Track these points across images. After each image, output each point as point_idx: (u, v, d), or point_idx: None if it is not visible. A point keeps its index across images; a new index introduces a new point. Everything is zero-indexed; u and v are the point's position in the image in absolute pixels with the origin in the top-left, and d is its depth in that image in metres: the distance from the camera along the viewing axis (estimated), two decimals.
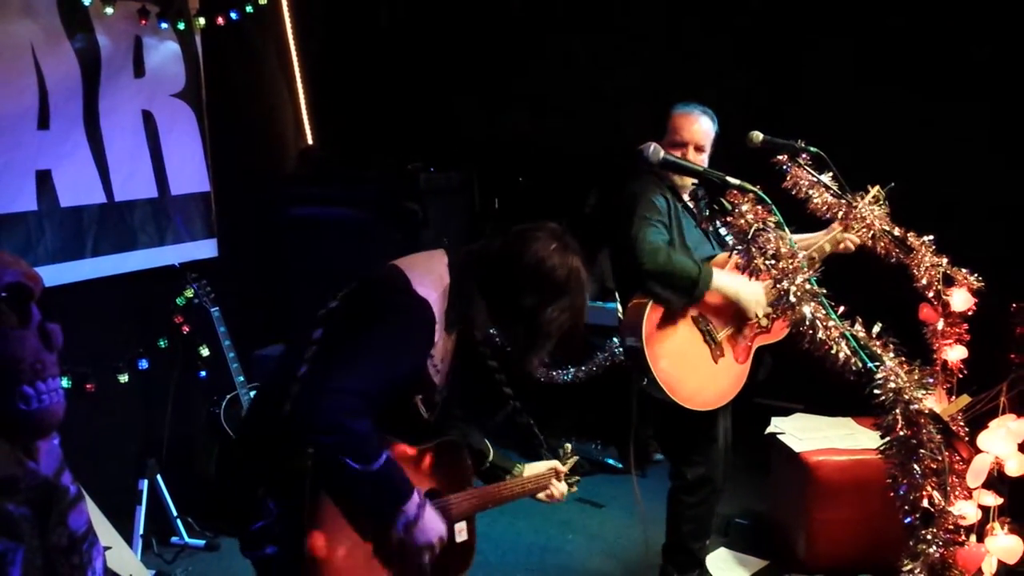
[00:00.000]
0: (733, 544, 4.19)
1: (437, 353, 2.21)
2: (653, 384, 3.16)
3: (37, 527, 1.45)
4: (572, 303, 2.25)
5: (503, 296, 2.24)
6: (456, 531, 2.36)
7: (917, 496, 2.10)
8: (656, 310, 3.20)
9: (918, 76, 4.61)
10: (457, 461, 2.42)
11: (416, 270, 2.20)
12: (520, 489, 2.58)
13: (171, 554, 4.16)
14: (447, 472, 2.37)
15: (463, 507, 2.37)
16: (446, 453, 2.38)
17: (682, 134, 3.33)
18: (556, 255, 2.23)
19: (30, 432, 1.46)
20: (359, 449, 2.01)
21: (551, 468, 2.66)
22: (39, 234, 3.91)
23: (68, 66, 4.00)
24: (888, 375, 2.06)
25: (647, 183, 3.29)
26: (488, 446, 2.60)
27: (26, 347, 1.43)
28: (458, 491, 2.38)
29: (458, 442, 2.43)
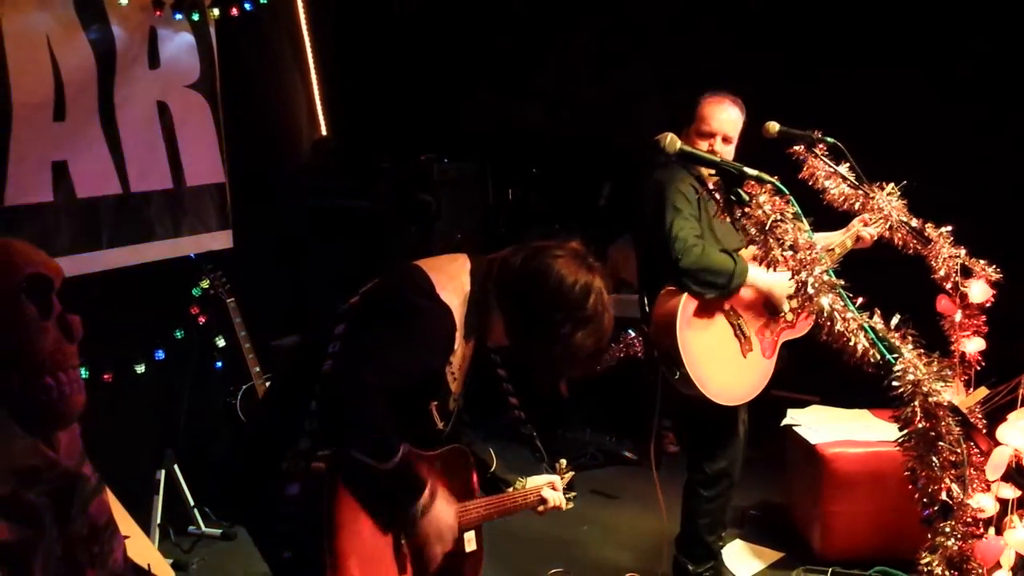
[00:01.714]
0: (748, 536, 4.18)
1: (455, 360, 2.21)
2: (684, 379, 3.12)
3: (58, 517, 1.46)
4: (597, 327, 2.21)
5: (522, 315, 2.22)
6: (465, 541, 2.36)
7: (935, 489, 2.09)
8: (690, 303, 3.16)
9: (936, 64, 4.58)
10: (464, 470, 2.42)
11: (440, 275, 2.18)
12: (524, 501, 2.58)
13: (188, 543, 4.18)
14: (455, 480, 2.36)
15: (471, 516, 2.37)
16: (454, 461, 2.38)
17: (711, 123, 3.30)
18: (580, 277, 2.20)
19: (51, 422, 1.47)
20: (378, 445, 2.02)
21: (549, 482, 2.65)
22: (55, 225, 3.92)
23: (83, 58, 4.01)
24: (907, 367, 2.05)
25: (674, 173, 3.25)
26: (491, 456, 2.59)
27: (47, 338, 1.44)
28: (465, 500, 2.37)
29: (465, 451, 2.43)
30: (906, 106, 4.62)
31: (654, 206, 3.23)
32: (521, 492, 2.58)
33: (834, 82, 4.83)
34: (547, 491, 2.63)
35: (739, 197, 2.16)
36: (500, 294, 2.23)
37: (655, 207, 3.22)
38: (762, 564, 3.96)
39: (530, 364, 2.30)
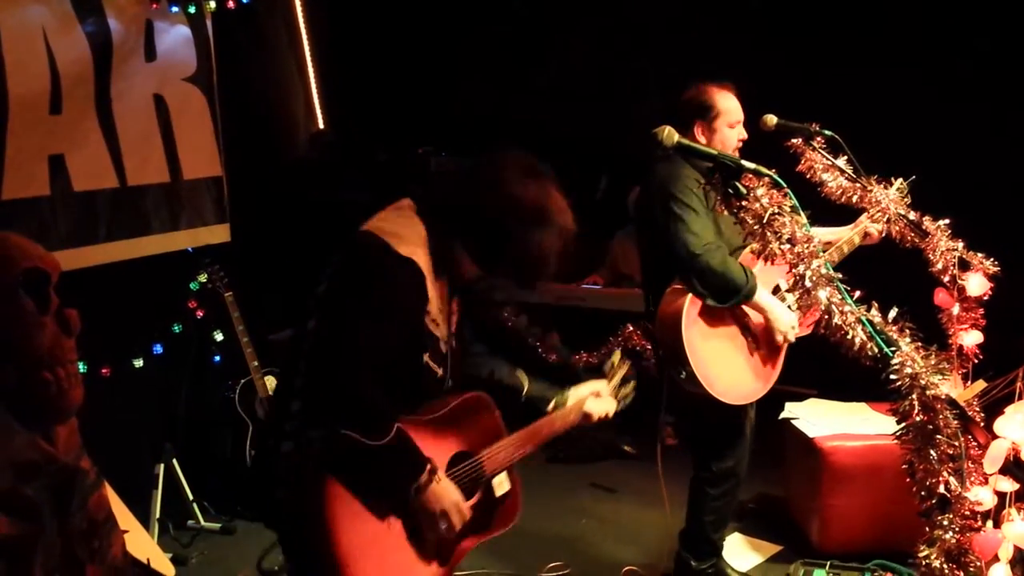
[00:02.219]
0: (747, 529, 4.18)
1: (433, 308, 2.15)
2: (691, 378, 3.07)
3: (57, 511, 1.46)
4: (557, 228, 2.17)
5: (481, 233, 2.16)
6: (495, 486, 2.30)
7: (933, 482, 2.09)
8: (696, 301, 3.10)
9: (935, 60, 4.58)
10: (484, 414, 2.33)
11: (392, 230, 2.13)
12: (562, 423, 2.46)
13: (187, 537, 4.19)
14: (475, 429, 2.29)
15: (498, 459, 2.29)
16: (470, 409, 2.30)
17: (737, 113, 3.26)
18: (529, 180, 2.17)
19: (49, 417, 1.47)
20: (369, 421, 1.98)
21: (593, 391, 2.55)
22: (52, 219, 3.92)
23: (79, 51, 3.99)
24: (904, 360, 2.06)
25: (679, 167, 3.17)
26: (521, 378, 2.50)
27: (45, 332, 1.44)
28: (490, 444, 2.30)
29: (482, 396, 2.34)
30: (904, 101, 4.62)
31: (661, 202, 3.17)
32: (559, 414, 2.46)
33: (833, 79, 4.83)
34: (591, 403, 2.52)
35: (737, 190, 2.16)
36: (454, 221, 2.17)
37: (662, 203, 3.16)
38: (761, 557, 3.96)
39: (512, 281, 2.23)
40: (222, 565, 4.02)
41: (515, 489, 2.36)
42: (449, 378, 2.28)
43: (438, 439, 2.19)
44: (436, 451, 2.15)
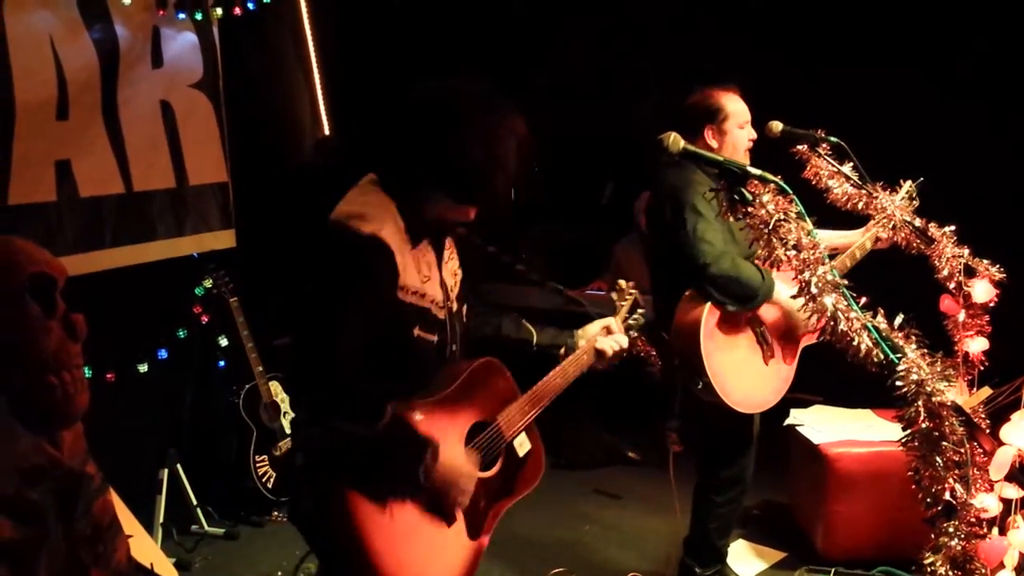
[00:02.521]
0: (751, 535, 4.17)
1: (410, 278, 2.09)
2: (708, 388, 3.06)
3: (62, 516, 1.46)
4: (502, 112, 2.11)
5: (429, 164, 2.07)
6: (516, 447, 2.30)
7: (939, 488, 2.09)
8: (713, 312, 3.08)
9: (938, 64, 4.58)
10: (495, 378, 2.30)
11: (353, 210, 2.08)
12: (575, 367, 2.41)
13: (191, 542, 4.19)
14: (488, 395, 2.26)
15: (515, 421, 2.28)
16: (481, 376, 2.26)
17: (745, 113, 3.25)
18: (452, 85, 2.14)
19: (55, 422, 1.47)
20: (358, 409, 1.95)
21: (603, 327, 2.50)
22: (58, 224, 3.92)
23: (87, 57, 4.00)
24: (910, 367, 2.05)
25: (689, 173, 3.15)
26: (529, 329, 2.45)
27: (51, 337, 1.44)
28: (506, 407, 2.29)
29: (491, 361, 2.29)
30: (908, 105, 4.62)
31: (672, 209, 3.14)
32: (570, 360, 2.41)
33: (834, 80, 4.83)
34: (601, 341, 2.46)
35: (743, 196, 2.16)
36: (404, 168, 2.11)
37: (673, 210, 3.14)
38: (765, 564, 3.95)
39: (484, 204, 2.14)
40: (226, 570, 4.02)
41: (536, 446, 2.36)
42: (453, 343, 2.23)
43: (453, 415, 2.17)
44: (453, 427, 2.14)
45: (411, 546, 2.04)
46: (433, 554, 2.10)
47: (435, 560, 2.10)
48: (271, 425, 4.53)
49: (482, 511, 2.20)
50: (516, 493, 2.31)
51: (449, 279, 2.25)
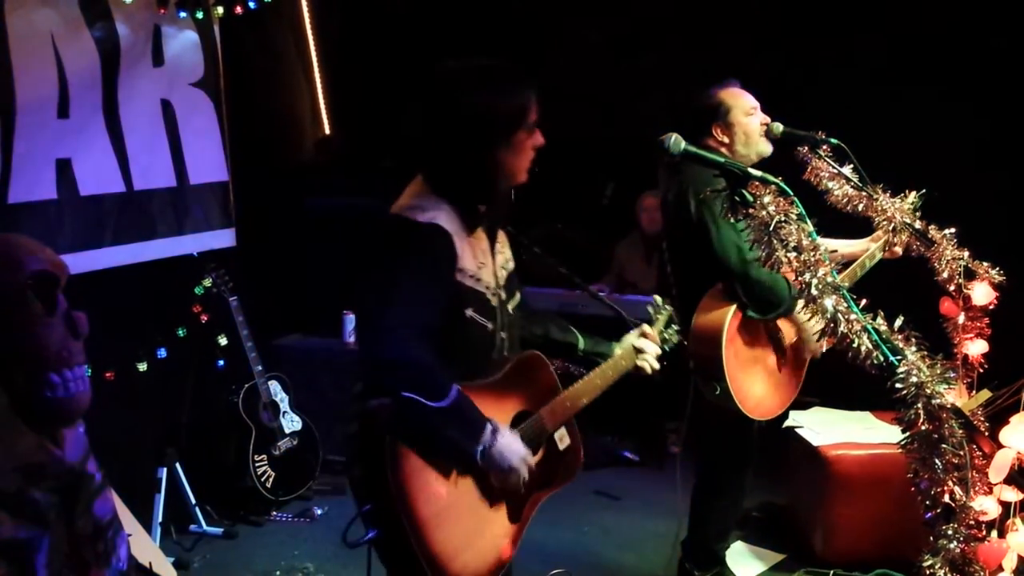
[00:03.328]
0: (750, 537, 4.18)
1: (467, 263, 2.19)
2: (725, 393, 3.03)
3: (63, 514, 1.46)
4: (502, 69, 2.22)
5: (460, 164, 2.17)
6: (557, 440, 2.35)
7: (938, 491, 2.08)
8: (737, 316, 3.06)
9: (938, 66, 4.58)
10: (539, 372, 2.37)
11: (409, 203, 2.19)
12: (614, 371, 2.50)
13: (189, 542, 4.19)
14: (532, 387, 2.33)
15: (557, 415, 2.34)
16: (525, 368, 2.34)
17: (749, 99, 3.24)
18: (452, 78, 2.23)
19: (56, 420, 1.47)
20: (427, 382, 2.01)
21: (639, 332, 2.59)
22: (59, 223, 3.92)
23: (88, 55, 4.00)
24: (910, 369, 2.05)
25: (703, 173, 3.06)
26: (576, 334, 2.55)
27: (52, 335, 1.44)
28: (548, 401, 2.34)
29: (536, 355, 2.37)
30: (909, 107, 4.62)
31: (698, 211, 3.10)
32: (610, 363, 2.50)
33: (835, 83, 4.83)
34: (639, 341, 2.56)
35: (743, 198, 2.16)
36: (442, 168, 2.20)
37: (698, 212, 3.09)
38: (764, 566, 3.96)
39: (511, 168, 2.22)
40: (224, 569, 4.02)
41: (575, 442, 2.42)
42: (502, 332, 2.31)
43: (499, 401, 2.23)
44: (498, 412, 2.19)
45: (455, 520, 2.10)
46: (475, 532, 2.15)
47: (476, 538, 2.15)
48: (270, 424, 4.53)
49: (522, 498, 2.25)
50: (553, 485, 2.36)
51: (499, 269, 2.33)
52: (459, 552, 2.09)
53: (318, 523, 4.48)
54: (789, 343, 3.24)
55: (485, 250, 2.27)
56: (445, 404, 1.99)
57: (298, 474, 4.64)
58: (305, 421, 4.72)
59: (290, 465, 4.59)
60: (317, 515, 4.53)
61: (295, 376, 4.81)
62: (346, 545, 2.12)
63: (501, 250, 2.36)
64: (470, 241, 2.21)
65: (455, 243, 2.14)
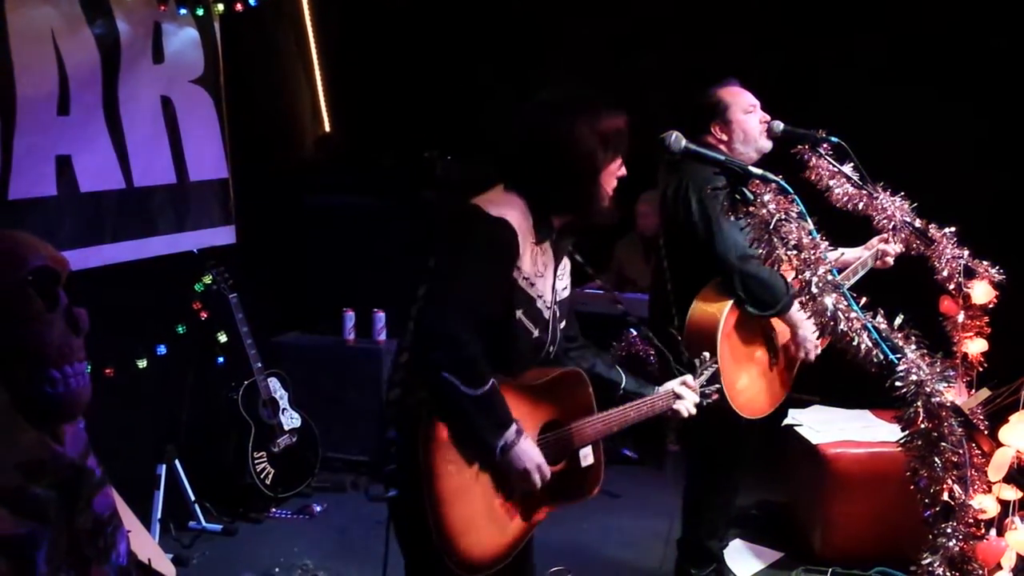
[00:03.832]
0: (748, 535, 4.18)
1: (526, 264, 2.25)
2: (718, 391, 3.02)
3: (63, 510, 1.46)
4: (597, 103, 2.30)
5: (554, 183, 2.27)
6: (581, 457, 2.42)
7: (937, 489, 2.09)
8: (733, 313, 3.07)
9: (939, 66, 4.58)
10: (578, 390, 2.46)
11: (486, 198, 2.29)
12: (648, 408, 2.57)
13: (188, 538, 4.19)
14: (568, 401, 2.41)
15: (585, 433, 2.41)
16: (567, 383, 2.43)
17: (747, 97, 3.25)
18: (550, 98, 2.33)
19: (57, 415, 1.47)
20: (468, 367, 2.08)
21: (682, 382, 2.65)
22: (59, 219, 3.92)
23: (88, 52, 4.00)
24: (910, 367, 2.06)
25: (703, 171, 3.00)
26: (620, 373, 2.61)
27: (53, 331, 1.44)
28: (581, 418, 2.42)
29: (580, 372, 2.47)
30: (909, 106, 4.62)
31: (699, 207, 3.11)
32: (647, 400, 2.57)
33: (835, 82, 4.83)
34: (680, 388, 2.63)
35: (744, 196, 2.16)
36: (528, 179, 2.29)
37: (700, 208, 3.10)
38: (762, 564, 3.96)
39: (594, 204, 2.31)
40: (223, 566, 4.02)
41: (598, 462, 2.48)
42: (550, 344, 2.40)
43: (534, 405, 2.31)
44: (530, 415, 2.29)
45: (470, 501, 2.17)
46: (486, 518, 2.22)
47: (486, 523, 2.21)
48: (269, 422, 4.54)
49: (536, 500, 2.31)
50: (570, 498, 2.43)
51: (558, 286, 2.42)
52: (468, 532, 2.16)
53: (317, 520, 4.49)
54: (782, 343, 3.24)
55: (547, 263, 2.35)
56: (478, 393, 2.08)
57: (297, 471, 4.64)
58: (304, 418, 4.72)
59: (289, 462, 4.59)
60: (316, 512, 4.53)
61: (294, 373, 4.81)
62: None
63: (561, 275, 2.44)
64: (534, 247, 2.28)
65: (519, 241, 2.22)
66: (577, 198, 2.31)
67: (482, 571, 2.20)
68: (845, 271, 3.21)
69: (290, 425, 4.63)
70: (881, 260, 3.29)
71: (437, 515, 2.10)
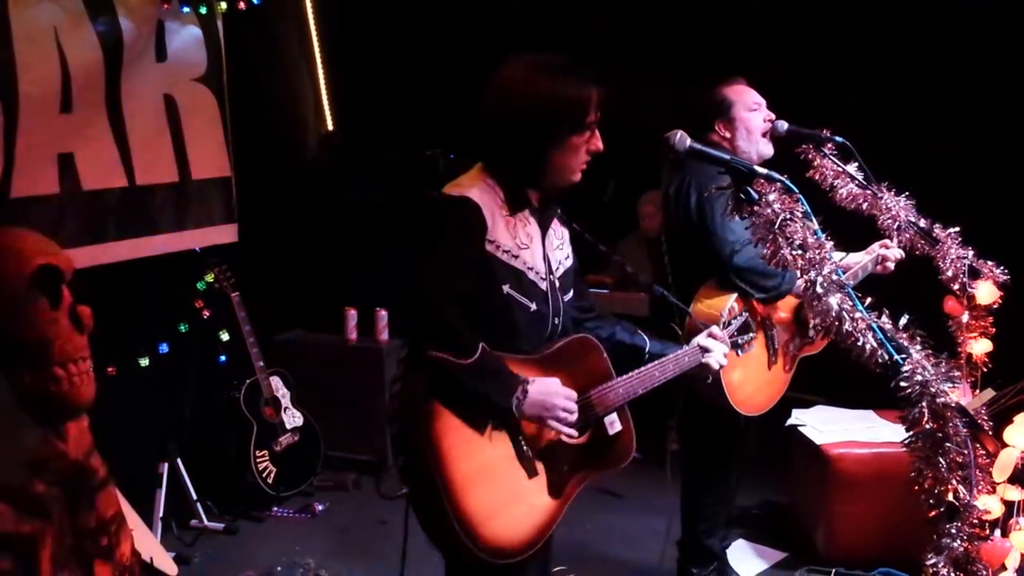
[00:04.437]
0: (752, 535, 4.17)
1: (500, 236, 2.19)
2: (716, 384, 3.02)
3: (67, 509, 1.46)
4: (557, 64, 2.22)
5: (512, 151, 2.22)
6: (607, 425, 2.33)
7: (942, 490, 2.08)
8: (733, 313, 3.06)
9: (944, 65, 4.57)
10: (591, 356, 2.36)
11: (455, 182, 2.27)
12: (674, 366, 2.45)
13: (191, 537, 4.19)
14: (582, 370, 2.30)
15: (608, 399, 2.31)
16: (577, 350, 2.33)
17: (752, 95, 3.25)
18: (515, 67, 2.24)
19: (60, 413, 1.47)
20: (454, 340, 2.04)
21: (708, 334, 2.56)
22: (61, 218, 3.92)
23: (91, 50, 4.00)
24: (915, 367, 2.05)
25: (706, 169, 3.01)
26: (643, 337, 2.51)
27: (57, 329, 1.44)
28: (600, 384, 2.32)
29: (588, 338, 2.37)
30: (913, 105, 4.61)
31: (697, 204, 3.14)
32: (671, 357, 2.46)
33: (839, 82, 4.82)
34: (706, 340, 2.53)
35: (748, 195, 2.15)
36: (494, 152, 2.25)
37: (698, 206, 3.13)
38: (765, 564, 3.95)
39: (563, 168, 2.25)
40: (225, 565, 4.02)
41: (627, 428, 2.38)
42: (555, 317, 2.30)
43: (542, 374, 2.20)
44: None
45: (489, 484, 2.08)
46: (511, 498, 2.12)
47: (512, 504, 2.12)
48: (271, 420, 4.53)
49: (565, 473, 2.22)
50: (602, 468, 2.34)
51: (553, 257, 2.33)
52: (492, 516, 2.07)
53: (319, 519, 4.48)
54: (782, 343, 3.24)
55: (531, 234, 2.26)
56: (472, 360, 2.02)
57: (299, 470, 4.64)
58: (306, 417, 4.72)
59: (291, 461, 4.59)
60: (318, 510, 4.53)
61: (296, 372, 4.81)
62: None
63: (560, 246, 2.37)
64: (509, 220, 2.22)
65: (484, 215, 2.15)
66: (532, 171, 2.23)
67: (515, 556, 2.10)
68: (846, 274, 3.21)
69: (292, 424, 4.63)
70: (882, 265, 3.30)
71: (455, 504, 2.01)
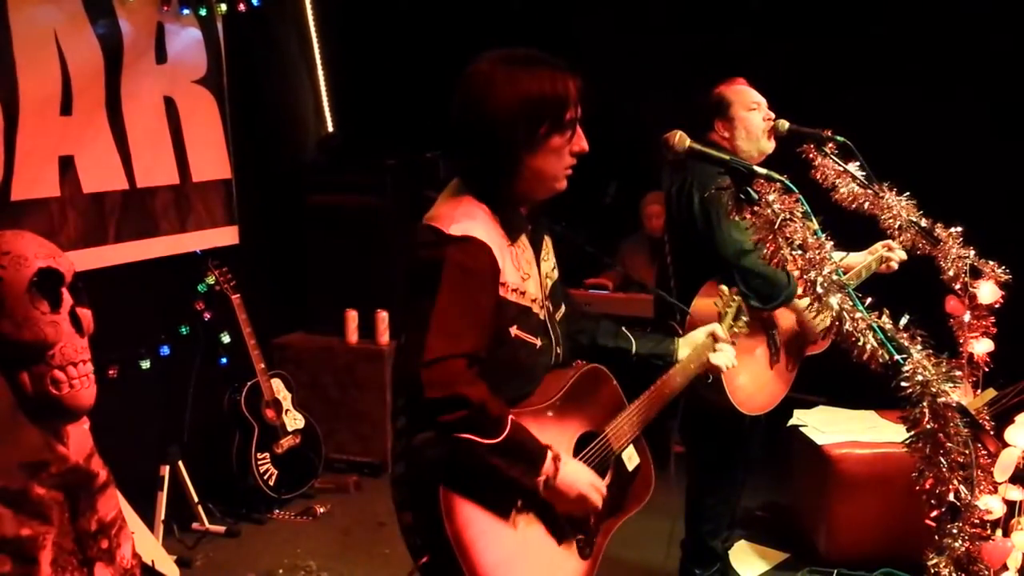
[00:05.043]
0: (754, 536, 4.17)
1: (509, 275, 1.97)
2: (716, 384, 2.99)
3: (67, 511, 1.46)
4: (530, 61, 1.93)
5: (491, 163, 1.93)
6: (625, 460, 2.21)
7: (943, 490, 2.07)
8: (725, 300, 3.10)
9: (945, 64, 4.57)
10: (602, 387, 2.21)
11: (442, 212, 1.95)
12: (682, 376, 2.32)
13: (192, 540, 4.19)
14: (596, 404, 2.17)
15: (623, 432, 2.18)
16: (587, 384, 2.17)
17: (751, 95, 3.23)
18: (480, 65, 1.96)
19: (61, 416, 1.47)
20: (480, 420, 1.80)
21: (708, 332, 2.40)
22: (62, 220, 3.92)
23: (91, 52, 4.01)
24: (916, 367, 2.04)
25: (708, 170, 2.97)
26: (628, 336, 2.34)
27: (57, 331, 1.44)
28: (614, 417, 2.19)
29: (597, 368, 2.20)
30: (914, 104, 4.60)
31: (700, 204, 3.12)
32: (677, 369, 2.31)
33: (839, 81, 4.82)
34: (715, 356, 2.38)
35: (748, 195, 2.15)
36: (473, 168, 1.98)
37: (701, 205, 3.11)
38: (767, 565, 3.95)
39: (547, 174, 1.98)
40: (227, 568, 4.02)
41: (645, 460, 2.27)
42: (557, 347, 2.14)
43: (561, 424, 2.07)
44: (561, 437, 2.05)
45: (522, 567, 1.95)
46: (546, 571, 2.02)
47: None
48: (273, 422, 4.53)
49: (592, 528, 2.13)
50: (626, 510, 2.24)
51: (545, 279, 2.16)
52: None
53: (320, 521, 4.48)
54: (784, 342, 3.24)
55: (530, 260, 2.08)
56: (500, 439, 1.82)
57: (301, 472, 4.64)
58: (307, 419, 4.72)
59: (292, 463, 4.59)
60: (319, 513, 4.53)
61: (297, 374, 4.81)
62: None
63: (546, 257, 2.18)
64: (512, 251, 2.00)
65: (495, 255, 1.91)
66: (511, 183, 1.96)
67: None
68: (848, 274, 3.20)
69: (293, 426, 4.63)
70: (885, 265, 3.30)
71: None
